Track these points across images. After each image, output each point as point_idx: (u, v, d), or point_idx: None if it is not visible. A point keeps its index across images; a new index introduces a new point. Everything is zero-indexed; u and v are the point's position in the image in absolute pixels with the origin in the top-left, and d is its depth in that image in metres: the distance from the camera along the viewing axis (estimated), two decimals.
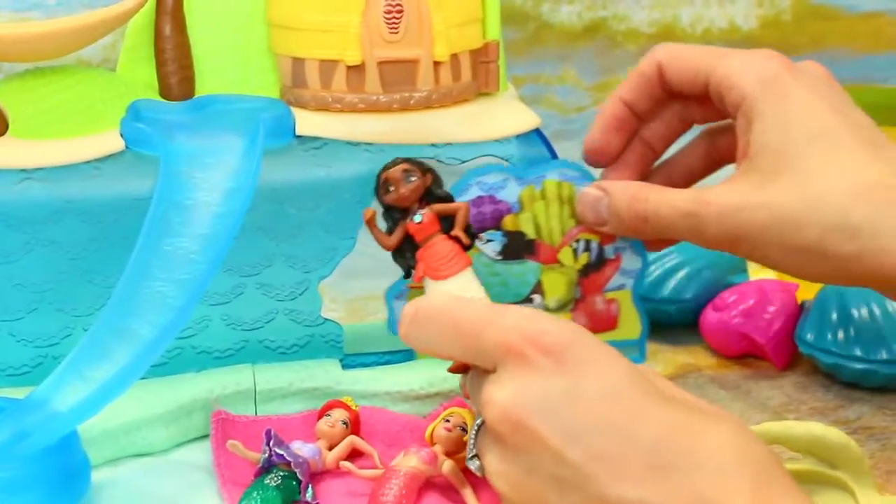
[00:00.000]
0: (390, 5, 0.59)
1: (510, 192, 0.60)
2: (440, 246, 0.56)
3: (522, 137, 0.61)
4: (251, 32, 0.61)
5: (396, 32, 0.59)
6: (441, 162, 0.60)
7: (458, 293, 0.55)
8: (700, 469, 0.43)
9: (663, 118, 0.60)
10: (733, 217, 0.54)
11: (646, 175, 0.60)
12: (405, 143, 0.59)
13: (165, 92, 0.61)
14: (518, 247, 0.60)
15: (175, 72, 0.61)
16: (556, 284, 0.61)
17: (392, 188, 0.56)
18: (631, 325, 0.62)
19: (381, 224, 0.58)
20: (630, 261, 0.61)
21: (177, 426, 0.59)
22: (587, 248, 0.61)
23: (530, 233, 0.61)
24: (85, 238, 0.58)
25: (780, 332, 0.67)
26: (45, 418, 0.51)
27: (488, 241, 0.60)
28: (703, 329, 0.69)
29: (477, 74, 0.62)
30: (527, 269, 0.61)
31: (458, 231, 0.57)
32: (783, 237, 0.52)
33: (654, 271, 0.70)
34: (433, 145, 0.60)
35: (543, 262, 0.61)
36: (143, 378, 0.53)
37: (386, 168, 0.57)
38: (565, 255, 0.61)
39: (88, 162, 0.58)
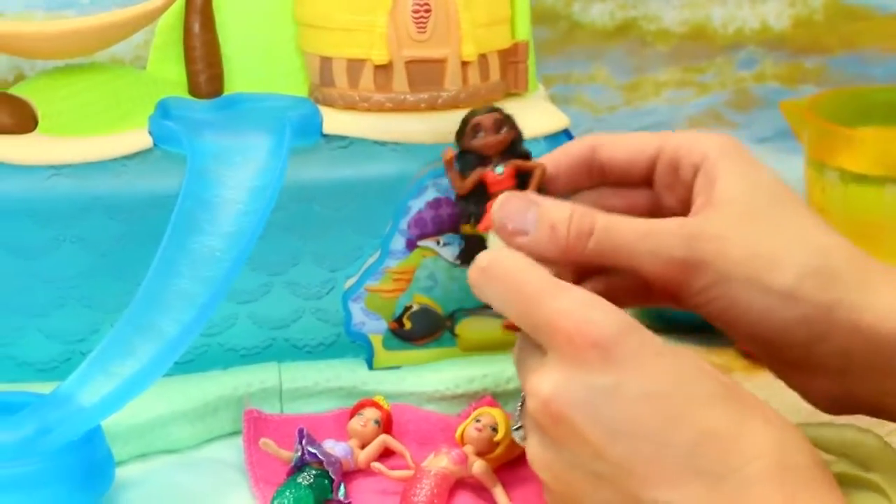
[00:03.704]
0: (418, 5, 0.59)
1: None
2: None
3: (551, 138, 0.61)
4: (279, 31, 0.62)
5: (424, 32, 0.59)
6: None
7: None
8: (733, 475, 0.42)
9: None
10: (707, 243, 0.49)
11: None
12: (432, 143, 0.59)
13: (194, 89, 0.61)
14: (477, 251, 0.59)
15: (204, 70, 0.61)
16: None
17: (481, 134, 0.55)
18: None
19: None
20: None
21: (203, 423, 0.59)
22: None
23: None
24: (112, 235, 0.58)
25: None
26: (69, 413, 0.51)
27: (445, 244, 0.60)
28: None
29: (506, 74, 0.62)
30: None
31: (532, 191, 0.54)
32: (757, 274, 0.49)
33: None
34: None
35: None
36: (169, 375, 0.53)
37: (478, 113, 0.56)
38: None
39: (116, 159, 0.58)
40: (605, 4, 0.78)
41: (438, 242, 0.60)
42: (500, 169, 0.55)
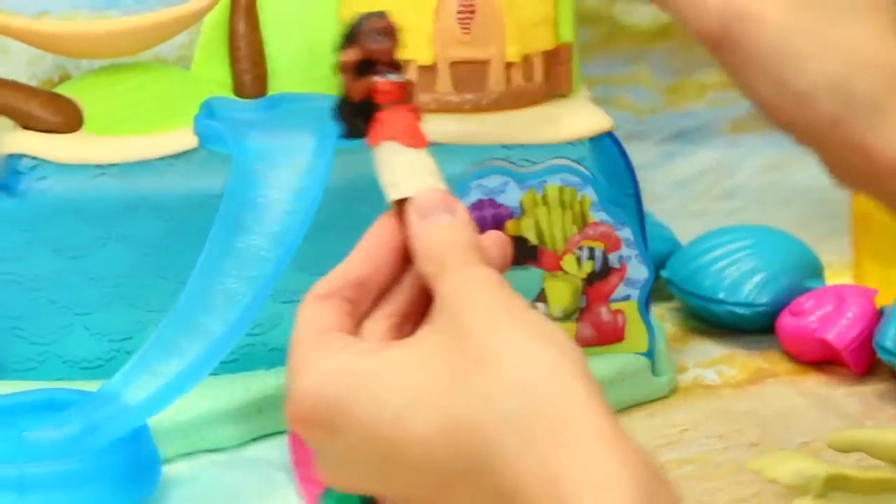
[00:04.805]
0: (463, 5, 0.59)
1: (511, 197, 0.59)
2: (408, 114, 0.50)
3: (595, 140, 0.61)
4: (324, 31, 0.61)
5: (468, 32, 0.59)
6: (513, 163, 0.60)
7: (427, 167, 0.49)
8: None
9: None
10: (743, 23, 0.47)
11: None
12: (476, 144, 0.59)
13: (239, 89, 0.61)
14: (520, 253, 0.59)
15: (248, 69, 0.61)
16: (560, 293, 0.60)
17: (380, 39, 0.50)
18: (638, 337, 0.61)
19: None
20: (636, 270, 0.61)
21: (248, 423, 0.59)
22: (591, 256, 0.60)
23: (532, 239, 0.60)
24: (158, 234, 0.59)
25: (858, 338, 0.65)
26: (114, 412, 0.51)
27: None
28: (779, 334, 0.68)
29: (549, 76, 0.62)
30: (530, 276, 0.60)
31: (418, 105, 0.51)
32: (778, 72, 0.47)
33: (730, 275, 0.69)
34: (505, 146, 0.60)
35: (547, 269, 0.60)
36: (214, 374, 0.53)
37: (375, 17, 0.50)
38: (569, 263, 0.60)
39: (162, 158, 0.58)
40: (647, 6, 0.78)
41: None
42: (394, 77, 0.50)
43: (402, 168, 0.50)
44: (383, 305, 0.45)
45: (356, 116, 0.51)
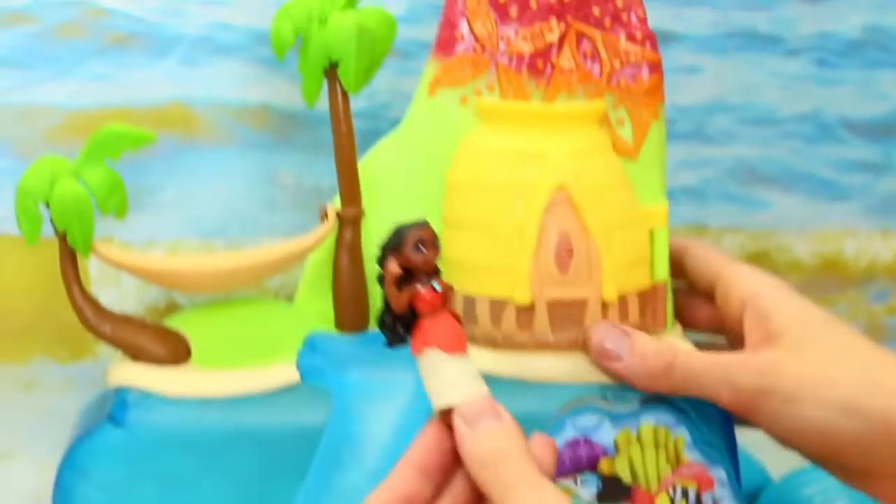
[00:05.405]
0: (561, 247, 0.60)
1: (605, 435, 0.59)
2: (450, 320, 0.51)
3: None
4: None
5: (566, 273, 0.60)
6: (608, 401, 0.60)
7: (470, 373, 0.51)
8: None
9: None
10: (771, 368, 0.57)
11: None
12: (573, 382, 0.60)
13: (341, 324, 0.63)
14: (614, 492, 0.59)
15: (351, 306, 0.63)
16: None
17: (423, 250, 0.51)
18: None
19: None
20: None
21: None
22: (685, 496, 0.60)
23: (627, 478, 0.60)
24: (259, 467, 0.59)
25: None
26: None
27: (583, 483, 0.59)
28: None
29: (644, 313, 0.63)
30: None
31: (457, 311, 0.52)
32: (815, 393, 0.56)
33: None
34: (601, 385, 0.60)
35: None
36: None
37: (417, 227, 0.51)
38: (662, 503, 0.60)
39: (264, 392, 0.60)
40: (735, 236, 0.79)
41: (576, 481, 0.60)
42: (437, 286, 0.51)
43: (446, 375, 0.51)
44: None
45: (399, 325, 0.52)
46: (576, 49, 0.62)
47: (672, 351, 0.58)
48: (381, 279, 0.51)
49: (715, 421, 0.62)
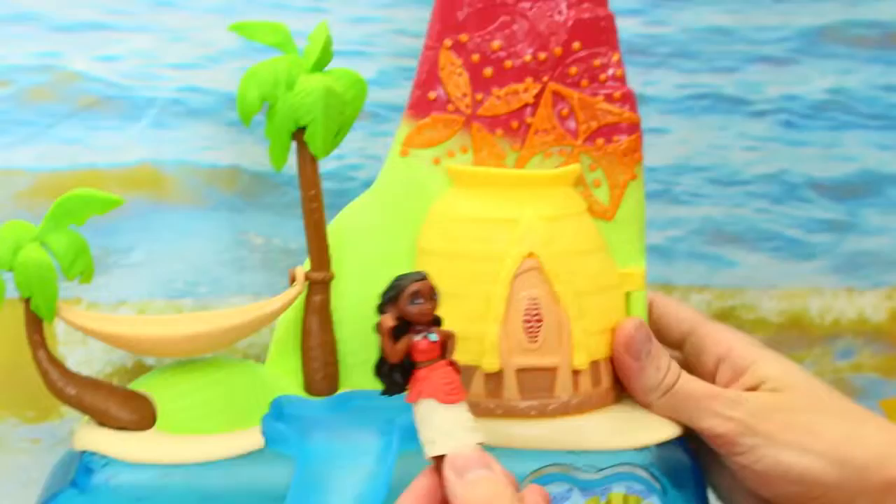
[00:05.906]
0: (530, 315, 0.60)
1: None
2: (446, 370, 0.53)
3: (662, 445, 0.61)
4: None
5: (535, 341, 0.60)
6: (577, 469, 0.60)
7: (464, 422, 0.53)
8: None
9: None
10: (760, 408, 0.59)
11: None
12: (541, 449, 0.60)
13: (309, 387, 0.62)
14: None
15: (319, 369, 0.62)
16: None
17: (420, 301, 0.53)
18: None
19: None
20: None
21: None
22: None
23: None
24: None
25: None
26: None
27: None
28: None
29: (617, 379, 0.63)
30: None
31: (455, 359, 0.54)
32: (797, 438, 0.59)
33: None
34: (570, 452, 0.60)
35: None
36: None
37: (415, 279, 0.53)
38: None
39: (229, 458, 0.59)
40: (702, 294, 0.79)
41: None
42: (433, 336, 0.53)
43: (439, 426, 0.52)
44: None
45: (396, 374, 0.53)
46: (551, 109, 0.62)
47: (677, 370, 0.61)
48: (378, 328, 0.53)
49: (688, 488, 0.62)
